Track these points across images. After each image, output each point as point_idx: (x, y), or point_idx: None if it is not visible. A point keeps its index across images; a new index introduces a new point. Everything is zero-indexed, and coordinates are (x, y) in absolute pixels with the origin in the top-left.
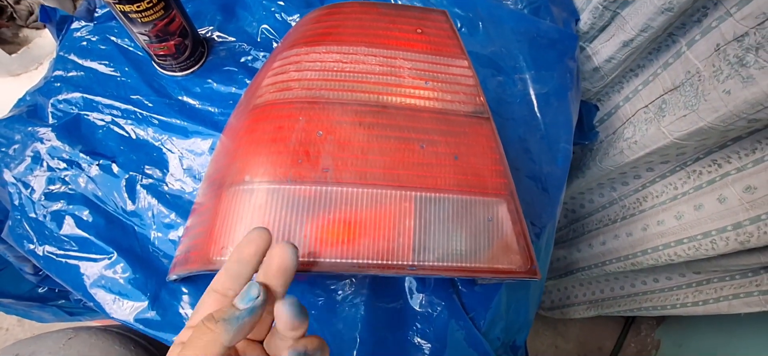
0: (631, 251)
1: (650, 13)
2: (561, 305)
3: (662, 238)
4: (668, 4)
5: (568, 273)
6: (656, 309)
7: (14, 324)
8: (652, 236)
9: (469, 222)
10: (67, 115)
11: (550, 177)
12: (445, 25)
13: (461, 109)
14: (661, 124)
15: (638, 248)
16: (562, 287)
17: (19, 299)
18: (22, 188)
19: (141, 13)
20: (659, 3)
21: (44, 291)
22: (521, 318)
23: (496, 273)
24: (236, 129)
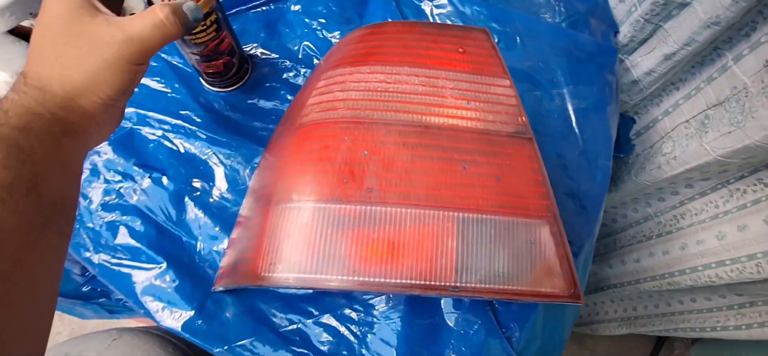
0: (668, 270)
1: (695, 27)
2: (590, 321)
3: (702, 258)
4: (715, 18)
5: (599, 289)
6: (694, 331)
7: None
8: (691, 255)
9: (511, 244)
10: (122, 129)
11: (589, 195)
12: (486, 44)
13: (503, 129)
14: (703, 140)
15: (676, 267)
16: (591, 302)
17: (65, 296)
18: (81, 199)
19: (195, 35)
20: (705, 17)
21: (88, 289)
22: (557, 337)
23: (539, 297)
24: (282, 147)
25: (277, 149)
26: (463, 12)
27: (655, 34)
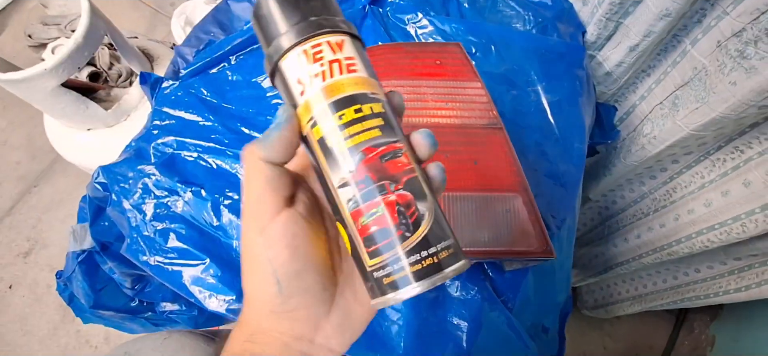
0: (666, 242)
1: (650, 19)
2: (605, 303)
3: (694, 226)
4: (665, 10)
5: (607, 268)
6: (700, 299)
7: (101, 343)
8: (685, 225)
9: (491, 214)
10: (164, 154)
11: (567, 175)
12: (459, 55)
13: (478, 122)
14: (676, 118)
15: (672, 238)
16: (604, 285)
17: (116, 311)
18: (137, 213)
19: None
20: (657, 10)
21: (135, 304)
22: (549, 300)
23: (517, 255)
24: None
25: None
26: (443, 29)
27: (618, 29)
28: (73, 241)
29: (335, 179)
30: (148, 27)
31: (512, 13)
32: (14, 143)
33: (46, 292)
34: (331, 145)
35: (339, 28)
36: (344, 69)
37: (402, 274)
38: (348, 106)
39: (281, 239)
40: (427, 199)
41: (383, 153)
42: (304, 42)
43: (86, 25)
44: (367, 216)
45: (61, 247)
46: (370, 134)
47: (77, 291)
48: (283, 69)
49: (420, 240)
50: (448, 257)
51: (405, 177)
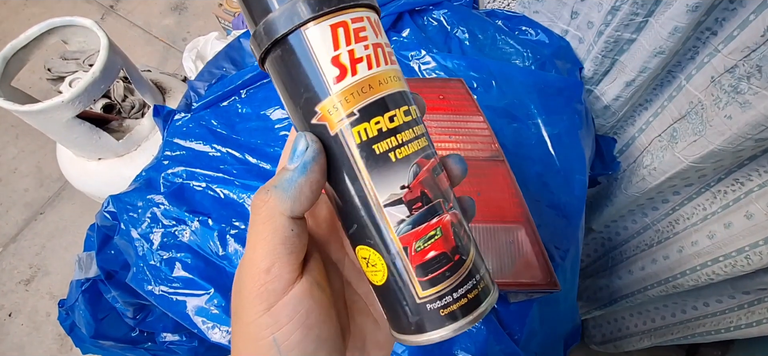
0: (671, 274)
1: (645, 56)
2: (613, 338)
3: (699, 258)
4: (659, 48)
5: (613, 301)
6: (711, 334)
7: None
8: (689, 257)
9: (495, 246)
10: (174, 184)
11: (569, 206)
12: (461, 90)
13: (480, 155)
14: (675, 150)
15: (677, 270)
16: (611, 318)
17: (117, 341)
18: (145, 242)
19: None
20: (650, 48)
21: (136, 334)
22: (555, 332)
23: (521, 287)
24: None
25: None
26: (445, 65)
27: (614, 66)
28: (78, 269)
29: (383, 195)
30: (160, 60)
31: (511, 51)
32: (24, 170)
33: (45, 321)
34: (380, 151)
35: (375, 3)
36: (388, 58)
37: (461, 303)
38: (398, 106)
39: (293, 318)
40: (467, 217)
41: (434, 165)
42: (344, 11)
43: (104, 61)
44: (424, 240)
45: (63, 275)
46: (422, 143)
47: (79, 320)
48: (308, 40)
49: (474, 263)
50: (490, 279)
51: (451, 193)
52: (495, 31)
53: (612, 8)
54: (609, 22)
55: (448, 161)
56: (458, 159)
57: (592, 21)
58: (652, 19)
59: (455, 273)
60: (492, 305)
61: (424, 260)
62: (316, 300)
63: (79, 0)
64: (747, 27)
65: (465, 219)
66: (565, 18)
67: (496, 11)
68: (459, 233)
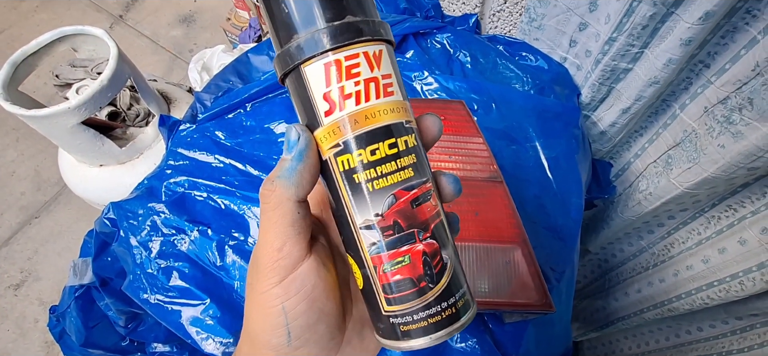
0: (667, 297)
1: (640, 85)
2: None
3: (694, 282)
4: (654, 78)
5: (609, 323)
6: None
7: None
8: (684, 281)
9: (491, 265)
10: (176, 193)
11: (565, 228)
12: (462, 112)
13: (479, 175)
14: (670, 176)
15: (673, 293)
16: (606, 340)
17: (106, 350)
18: (143, 250)
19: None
20: (646, 78)
21: (126, 344)
22: (550, 353)
23: (517, 307)
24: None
25: None
26: (447, 87)
27: (610, 93)
28: (72, 275)
29: (359, 219)
30: (165, 70)
31: (512, 75)
32: (22, 174)
33: (33, 327)
34: (358, 181)
35: (379, 35)
36: (382, 92)
37: (420, 325)
38: (382, 139)
39: (300, 290)
40: (449, 245)
41: (415, 197)
42: (338, 50)
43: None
44: (392, 264)
45: (54, 281)
46: (404, 175)
47: (69, 327)
48: (306, 77)
49: (441, 292)
50: (463, 306)
51: (433, 223)
52: (496, 56)
53: (609, 39)
54: (606, 52)
55: (441, 178)
56: (451, 180)
57: (590, 50)
58: (647, 51)
59: (418, 298)
60: (455, 332)
61: (389, 281)
62: (321, 278)
63: (88, 8)
64: (738, 61)
65: (452, 232)
66: (564, 46)
67: (497, 37)
68: (430, 263)
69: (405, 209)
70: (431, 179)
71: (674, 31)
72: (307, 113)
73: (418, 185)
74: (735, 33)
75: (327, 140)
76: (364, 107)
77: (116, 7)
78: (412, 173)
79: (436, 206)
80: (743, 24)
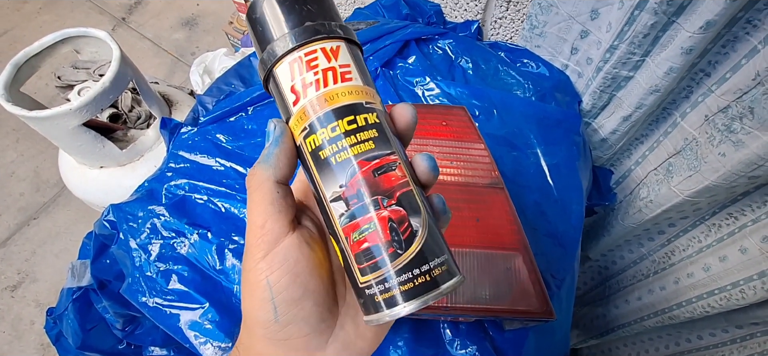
0: (667, 305)
1: (641, 94)
2: None
3: (694, 290)
4: (655, 86)
5: (609, 330)
6: None
7: None
8: (685, 288)
9: (492, 272)
10: (176, 196)
11: (566, 235)
12: (464, 118)
13: (480, 181)
14: (671, 184)
15: (673, 301)
16: (606, 348)
17: (103, 353)
18: (142, 253)
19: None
20: (647, 86)
21: (123, 347)
22: None
23: (517, 314)
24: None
25: None
26: (448, 93)
27: (611, 101)
28: (70, 277)
29: (328, 192)
30: (167, 73)
31: (513, 81)
32: (21, 174)
33: (29, 329)
34: (323, 157)
35: (335, 33)
36: (339, 78)
37: (394, 293)
38: (342, 117)
39: (282, 264)
40: (420, 214)
41: (377, 167)
42: (298, 48)
43: (115, 71)
44: (359, 232)
45: (51, 283)
46: (364, 147)
47: (66, 330)
48: (277, 76)
49: (413, 257)
50: (442, 274)
51: (399, 191)
52: (497, 62)
53: (610, 47)
54: (607, 60)
55: (415, 158)
56: (424, 158)
57: (592, 58)
58: (648, 59)
59: (388, 264)
60: (432, 299)
61: (359, 250)
62: (304, 255)
63: (91, 10)
64: (739, 71)
65: (436, 219)
66: (565, 53)
67: (499, 43)
68: (396, 229)
69: (367, 178)
70: (399, 154)
71: (675, 39)
72: (282, 108)
73: (380, 157)
74: (736, 42)
75: (297, 127)
76: (322, 92)
77: (119, 10)
78: (373, 145)
79: (402, 177)
80: (744, 34)
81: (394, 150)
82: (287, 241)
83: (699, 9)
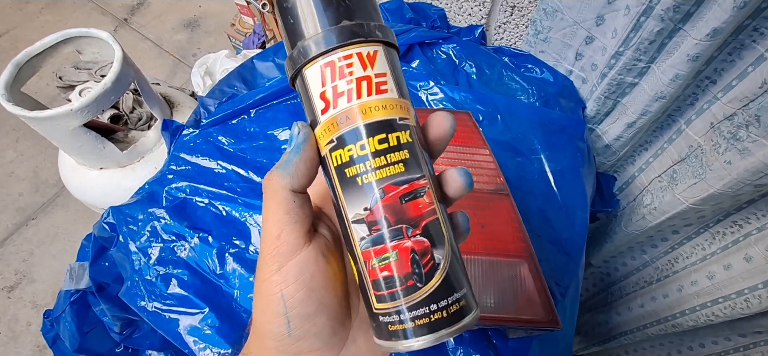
0: (670, 313)
1: (646, 100)
2: None
3: (698, 298)
4: (660, 93)
5: (611, 337)
6: None
7: None
8: (688, 296)
9: (497, 279)
10: (177, 199)
11: (570, 242)
12: (469, 123)
13: (485, 188)
14: (675, 191)
15: (676, 309)
16: (607, 355)
17: None
18: (142, 256)
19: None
20: (652, 92)
21: (120, 350)
22: None
23: (522, 323)
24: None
25: None
26: (452, 97)
27: (616, 107)
28: (68, 279)
29: (350, 212)
30: (168, 74)
31: (517, 87)
32: (20, 174)
33: (25, 331)
34: (349, 175)
35: (374, 36)
36: (374, 89)
37: (407, 325)
38: (373, 134)
39: (298, 279)
40: (445, 245)
41: (404, 193)
42: (332, 52)
43: (117, 72)
44: (379, 260)
45: (49, 284)
46: (393, 170)
47: (63, 333)
48: (306, 78)
49: (431, 293)
50: (459, 310)
51: (424, 220)
52: (502, 67)
53: (615, 53)
54: (612, 66)
55: (448, 173)
56: (462, 173)
57: (596, 63)
58: (653, 66)
59: (405, 297)
60: (445, 338)
61: (377, 277)
62: (320, 268)
63: (94, 11)
64: (745, 78)
65: (452, 232)
66: (569, 59)
67: (503, 48)
68: (418, 261)
69: (393, 204)
70: (429, 177)
71: (681, 46)
72: (309, 112)
73: (409, 181)
74: (742, 50)
75: (324, 137)
76: (355, 104)
77: (121, 11)
78: (403, 168)
79: (430, 204)
80: (751, 41)
81: (424, 174)
82: (303, 254)
83: (706, 16)
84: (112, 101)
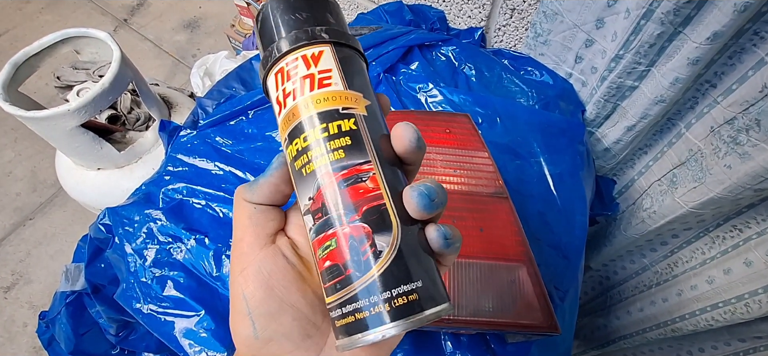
0: (670, 317)
1: (646, 104)
2: None
3: (698, 303)
4: (660, 96)
5: (611, 341)
6: None
7: None
8: (688, 301)
9: (495, 283)
10: (173, 200)
11: (570, 246)
12: (468, 125)
13: (484, 191)
14: (675, 195)
15: (676, 313)
16: None
17: None
18: (138, 258)
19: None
20: (652, 96)
21: (116, 352)
22: None
23: (522, 328)
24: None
25: None
26: (451, 100)
27: (615, 110)
28: (64, 281)
29: (301, 204)
30: (167, 75)
31: (517, 89)
32: (18, 174)
33: (21, 331)
34: (297, 168)
35: (319, 39)
36: (316, 84)
37: (347, 321)
38: (314, 126)
39: (256, 277)
40: (390, 231)
41: (345, 177)
42: (281, 58)
43: (115, 73)
44: (322, 249)
45: (45, 284)
46: (333, 157)
47: (59, 334)
48: (268, 88)
49: (371, 283)
50: (408, 305)
51: (365, 205)
52: (501, 70)
53: (615, 56)
54: (612, 69)
55: (394, 130)
56: (406, 127)
57: (596, 66)
58: (653, 69)
59: (344, 288)
60: (391, 336)
61: (323, 267)
62: (279, 267)
63: (93, 11)
64: (746, 82)
65: (401, 218)
66: (569, 62)
67: (502, 51)
68: (357, 248)
69: (332, 190)
70: (376, 162)
71: (682, 50)
72: (274, 116)
73: (349, 167)
74: (742, 54)
75: (281, 136)
76: (299, 100)
77: (121, 11)
78: (343, 154)
79: (374, 188)
80: (751, 45)
81: (370, 159)
82: (262, 253)
83: (706, 19)
84: (110, 101)
